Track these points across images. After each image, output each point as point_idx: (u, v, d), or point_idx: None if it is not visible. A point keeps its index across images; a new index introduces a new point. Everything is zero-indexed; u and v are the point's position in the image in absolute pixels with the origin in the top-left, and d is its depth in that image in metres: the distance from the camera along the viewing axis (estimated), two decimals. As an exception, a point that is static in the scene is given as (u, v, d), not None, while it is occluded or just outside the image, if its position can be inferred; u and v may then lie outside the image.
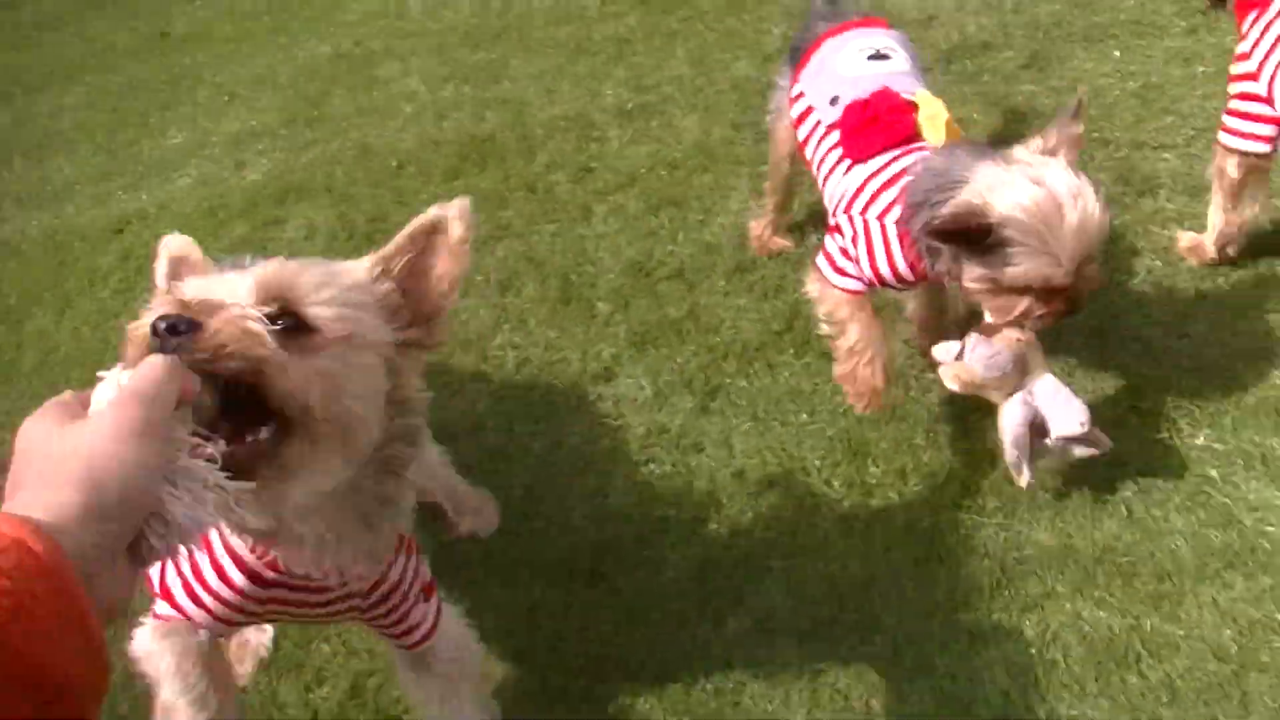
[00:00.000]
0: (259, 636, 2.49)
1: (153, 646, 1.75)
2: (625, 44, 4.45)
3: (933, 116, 2.46)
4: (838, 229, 2.56)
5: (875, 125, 2.49)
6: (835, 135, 2.60)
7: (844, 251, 2.55)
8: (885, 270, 2.48)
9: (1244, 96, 2.74)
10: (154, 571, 1.73)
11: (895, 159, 2.44)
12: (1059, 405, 2.37)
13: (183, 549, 0.99)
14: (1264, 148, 2.73)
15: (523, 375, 3.14)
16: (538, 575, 2.60)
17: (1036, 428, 2.39)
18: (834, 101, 2.62)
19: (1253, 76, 2.70)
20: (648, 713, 2.31)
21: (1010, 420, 2.40)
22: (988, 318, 2.44)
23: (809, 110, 2.72)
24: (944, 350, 2.51)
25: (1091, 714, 2.16)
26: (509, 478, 2.85)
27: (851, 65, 2.67)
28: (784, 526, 2.62)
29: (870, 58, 2.67)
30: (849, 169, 2.53)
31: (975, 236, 2.21)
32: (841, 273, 2.55)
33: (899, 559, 2.50)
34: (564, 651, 2.44)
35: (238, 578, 1.66)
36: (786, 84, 2.92)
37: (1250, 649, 2.21)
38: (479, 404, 3.07)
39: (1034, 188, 2.18)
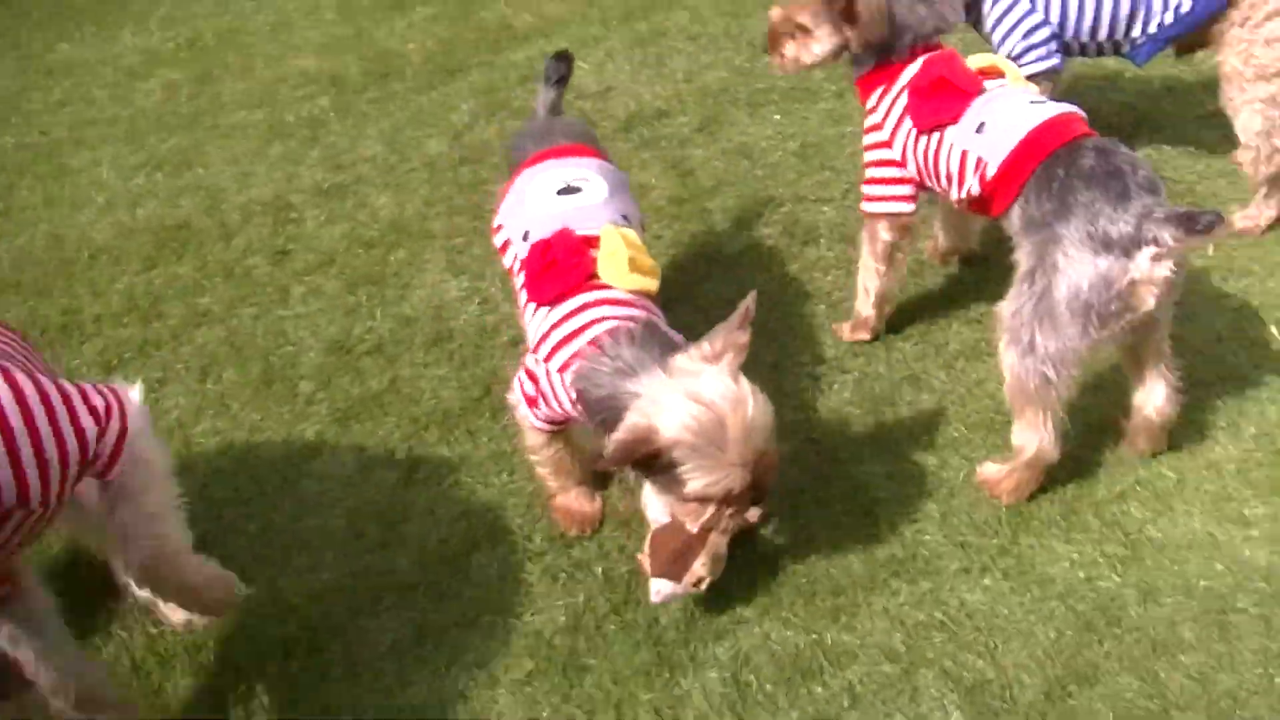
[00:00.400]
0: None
1: None
2: (319, 125, 4.50)
3: (612, 253, 2.49)
4: (530, 370, 2.55)
5: (554, 269, 2.49)
6: (525, 273, 2.61)
7: (533, 396, 2.55)
8: (567, 411, 2.50)
9: (880, 164, 3.03)
10: None
11: (577, 310, 2.44)
12: None
13: None
14: (908, 207, 3.02)
15: (228, 460, 3.13)
16: (254, 655, 2.62)
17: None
18: (526, 238, 2.64)
19: (886, 144, 2.99)
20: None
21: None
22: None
23: (508, 243, 2.74)
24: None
25: (781, 725, 2.35)
26: (223, 562, 2.84)
27: (542, 200, 2.68)
28: (492, 583, 2.72)
29: (560, 192, 2.68)
30: (535, 310, 2.54)
31: (648, 461, 2.22)
32: (534, 406, 2.56)
33: (599, 605, 2.64)
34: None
35: None
36: None
37: (917, 648, 2.45)
38: (187, 492, 3.03)
39: (695, 405, 2.18)
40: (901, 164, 2.96)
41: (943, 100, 2.77)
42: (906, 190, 2.99)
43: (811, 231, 3.61)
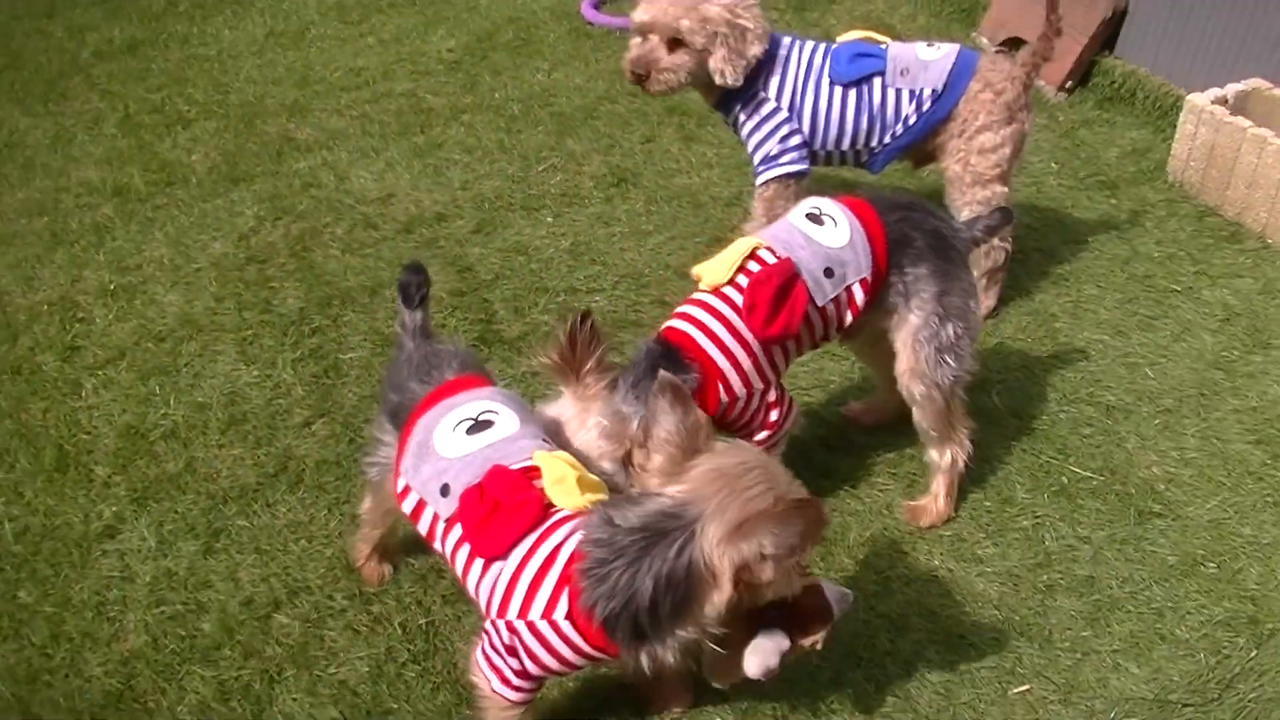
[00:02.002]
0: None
1: None
2: (104, 231, 4.57)
3: (560, 479, 2.25)
4: (496, 639, 2.27)
5: (499, 513, 2.21)
6: (459, 529, 2.30)
7: (508, 668, 2.29)
8: (573, 659, 2.22)
9: None
10: None
11: (535, 545, 2.20)
12: None
13: None
14: None
15: (24, 544, 3.19)
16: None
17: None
18: (445, 491, 2.32)
19: None
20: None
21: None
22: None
23: (421, 504, 2.39)
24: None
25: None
26: (18, 642, 2.91)
27: (452, 445, 2.37)
28: (295, 640, 2.88)
29: (470, 431, 2.38)
30: (486, 567, 2.24)
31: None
32: (506, 682, 2.30)
33: (400, 654, 2.84)
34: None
35: None
36: (391, 442, 2.57)
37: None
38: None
39: (739, 498, 2.02)
40: None
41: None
42: None
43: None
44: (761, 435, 2.87)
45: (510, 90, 5.54)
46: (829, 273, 2.79)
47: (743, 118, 3.75)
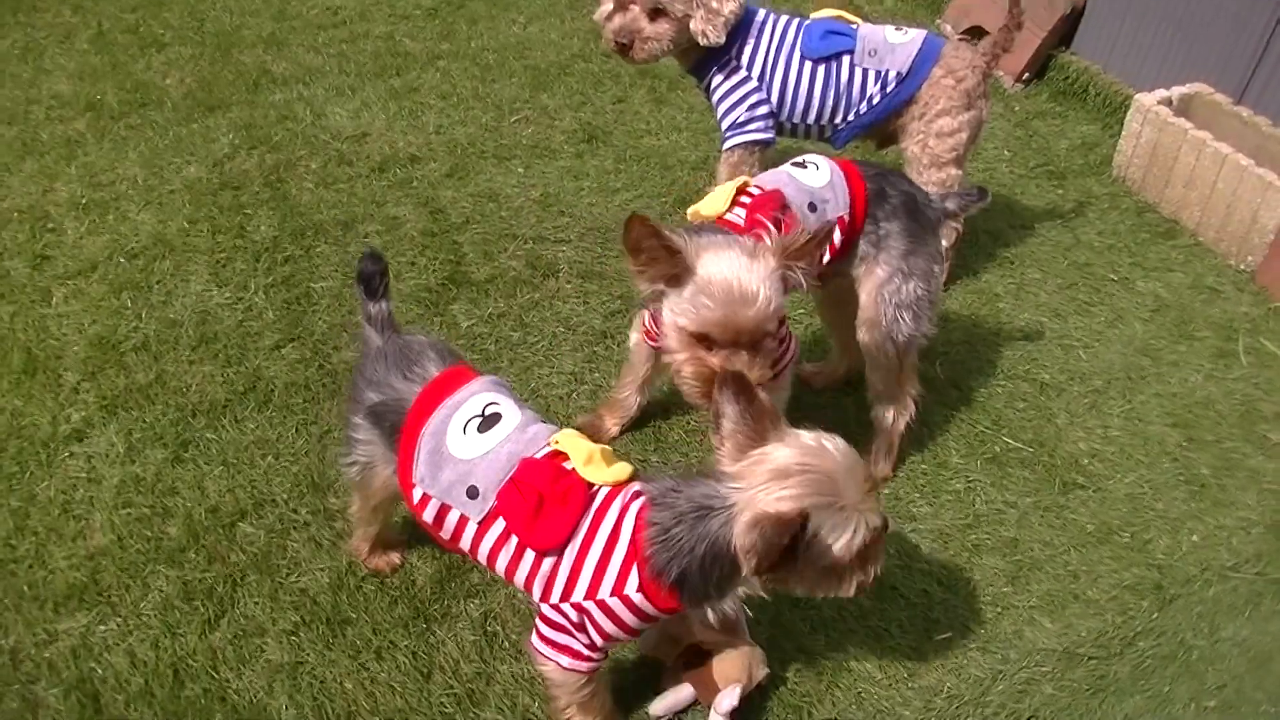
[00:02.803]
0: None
1: None
2: (76, 145, 4.61)
3: (589, 459, 2.28)
4: (560, 620, 2.31)
5: (547, 506, 2.24)
6: (499, 526, 2.30)
7: (579, 643, 2.34)
8: (639, 626, 2.30)
9: None
10: None
11: (592, 529, 2.25)
12: None
13: None
14: None
15: (-10, 441, 3.28)
16: (20, 609, 2.83)
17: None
18: (473, 494, 2.31)
19: None
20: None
21: None
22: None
23: (445, 509, 2.36)
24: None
25: (526, 669, 2.75)
26: (-17, 534, 3.02)
27: (468, 446, 2.34)
28: (258, 549, 3.00)
29: (481, 428, 2.36)
30: (540, 559, 2.27)
31: (794, 547, 2.06)
32: (578, 656, 2.34)
33: (360, 568, 2.96)
34: (59, 668, 2.69)
35: None
36: (372, 439, 2.53)
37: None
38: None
39: (792, 476, 2.07)
40: None
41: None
42: None
43: (552, 266, 4.05)
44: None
45: (486, 40, 5.63)
46: (812, 207, 2.89)
47: (717, 80, 3.87)
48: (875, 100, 3.82)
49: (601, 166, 4.66)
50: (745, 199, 2.85)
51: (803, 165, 3.01)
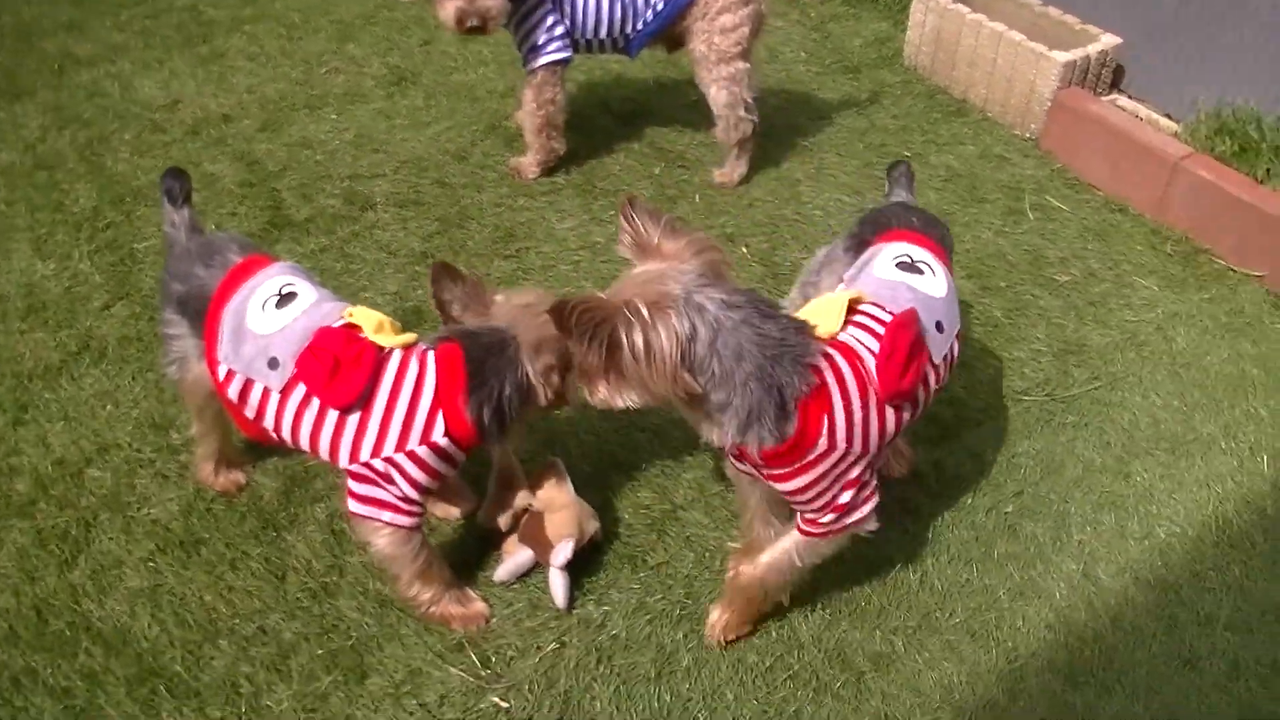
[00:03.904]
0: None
1: None
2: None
3: (379, 327, 2.47)
4: (369, 474, 2.45)
5: (341, 370, 2.38)
6: (300, 392, 2.44)
7: (392, 496, 2.47)
8: (445, 470, 2.50)
9: None
10: None
11: (396, 386, 2.42)
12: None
13: None
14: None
15: None
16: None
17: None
18: (274, 364, 2.45)
19: None
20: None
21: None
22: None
23: (249, 384, 2.50)
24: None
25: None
26: None
27: (266, 321, 2.47)
28: (107, 490, 3.10)
29: (279, 305, 2.49)
30: (342, 420, 2.43)
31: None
32: (396, 509, 2.48)
33: (207, 493, 3.09)
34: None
35: None
36: (182, 333, 2.67)
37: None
38: None
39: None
40: None
41: None
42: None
43: (369, 199, 4.19)
44: (828, 518, 2.41)
45: (290, 1, 5.69)
46: (939, 327, 2.49)
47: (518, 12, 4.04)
48: (660, 7, 4.02)
49: (412, 105, 4.80)
50: (858, 319, 2.41)
51: (915, 269, 2.54)
